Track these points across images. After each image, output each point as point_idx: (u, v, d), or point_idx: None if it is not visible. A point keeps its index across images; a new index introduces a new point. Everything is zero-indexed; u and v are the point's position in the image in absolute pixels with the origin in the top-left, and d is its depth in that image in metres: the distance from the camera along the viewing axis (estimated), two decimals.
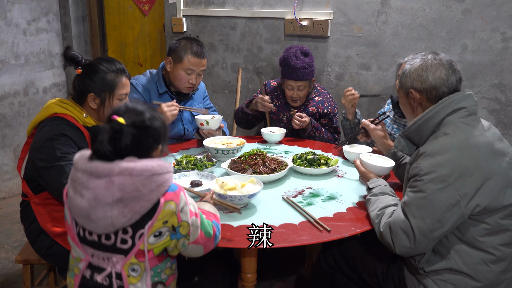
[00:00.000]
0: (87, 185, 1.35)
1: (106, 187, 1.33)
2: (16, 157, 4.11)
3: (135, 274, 1.41)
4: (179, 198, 1.41)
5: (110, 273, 1.41)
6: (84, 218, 1.37)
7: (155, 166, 1.36)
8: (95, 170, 1.34)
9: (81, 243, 1.44)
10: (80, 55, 2.07)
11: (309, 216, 1.82)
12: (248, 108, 3.01)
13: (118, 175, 1.32)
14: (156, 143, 1.44)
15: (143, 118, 1.41)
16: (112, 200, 1.33)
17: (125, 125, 1.36)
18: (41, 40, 4.28)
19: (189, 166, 2.28)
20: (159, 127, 1.44)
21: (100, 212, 1.34)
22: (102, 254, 1.41)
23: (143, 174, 1.34)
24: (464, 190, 1.55)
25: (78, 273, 1.46)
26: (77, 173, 1.38)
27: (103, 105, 2.05)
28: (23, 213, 2.10)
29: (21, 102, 4.14)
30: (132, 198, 1.33)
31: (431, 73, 1.70)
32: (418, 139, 1.74)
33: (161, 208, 1.37)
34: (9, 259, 3.07)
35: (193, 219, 1.45)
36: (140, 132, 1.38)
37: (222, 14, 3.92)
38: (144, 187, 1.34)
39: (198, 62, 2.69)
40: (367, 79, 3.42)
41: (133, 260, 1.40)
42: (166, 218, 1.38)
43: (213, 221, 1.55)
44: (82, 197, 1.36)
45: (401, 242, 1.62)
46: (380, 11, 3.27)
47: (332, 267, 2.00)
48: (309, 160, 2.33)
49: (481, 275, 1.64)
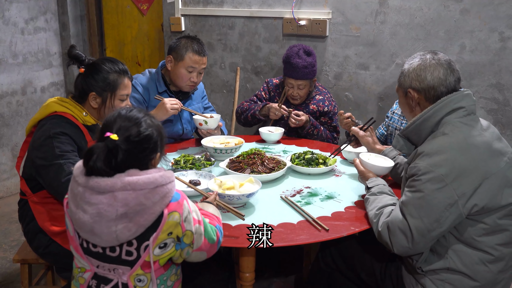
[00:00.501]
0: (89, 200, 1.32)
1: (109, 202, 1.30)
2: (13, 156, 4.10)
3: (141, 284, 1.41)
4: (182, 207, 1.39)
5: (116, 284, 1.40)
6: (87, 232, 1.35)
7: (158, 177, 1.33)
8: (96, 185, 1.31)
9: (85, 254, 1.42)
10: (83, 54, 2.08)
11: (307, 216, 1.82)
12: (260, 113, 3.00)
13: (120, 190, 1.30)
14: (153, 152, 1.41)
15: (138, 130, 1.36)
16: (116, 215, 1.30)
17: (118, 141, 1.31)
18: (39, 39, 4.28)
19: (188, 165, 2.27)
20: (155, 136, 1.40)
21: (104, 227, 1.32)
22: (108, 266, 1.40)
23: (147, 187, 1.31)
24: (462, 190, 1.56)
25: (83, 283, 1.44)
26: (78, 188, 1.34)
27: (104, 105, 2.06)
28: (21, 212, 2.09)
29: (19, 101, 4.13)
30: (136, 212, 1.31)
31: (429, 73, 1.70)
32: (416, 138, 1.74)
33: (165, 220, 1.35)
34: (7, 259, 3.07)
35: (197, 227, 1.43)
36: (136, 146, 1.35)
37: (220, 13, 3.92)
38: (148, 200, 1.31)
39: (199, 60, 2.70)
40: (365, 78, 3.42)
41: (139, 271, 1.39)
42: (170, 229, 1.36)
43: (216, 226, 1.54)
44: (85, 212, 1.33)
45: (399, 242, 1.62)
46: (378, 11, 3.27)
47: (330, 266, 2.01)
48: (307, 160, 2.33)
49: (479, 274, 1.64)
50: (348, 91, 3.52)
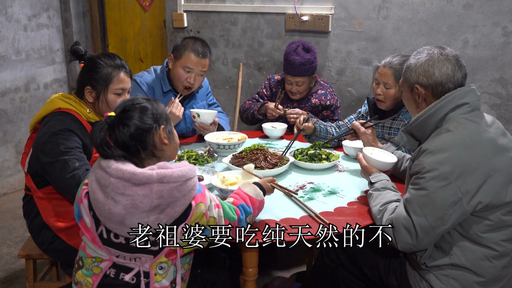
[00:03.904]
0: (124, 191, 1.34)
1: (145, 194, 1.33)
2: (17, 153, 4.12)
3: (161, 272, 1.44)
4: (205, 198, 1.43)
5: (138, 272, 1.43)
6: (116, 223, 1.37)
7: (188, 171, 1.38)
8: (133, 176, 1.34)
9: (104, 245, 1.44)
10: (84, 50, 2.09)
11: (310, 211, 1.82)
12: (259, 112, 3.02)
13: (157, 183, 1.34)
14: (155, 123, 1.44)
15: (132, 102, 1.45)
16: (150, 207, 1.34)
17: (116, 115, 1.41)
18: (42, 36, 4.28)
19: (191, 161, 2.28)
20: (151, 108, 1.45)
21: (137, 219, 1.35)
22: (130, 255, 1.43)
23: (180, 180, 1.36)
24: (466, 187, 1.55)
25: (99, 272, 1.46)
26: (110, 179, 1.36)
27: (98, 99, 2.05)
28: (25, 208, 2.10)
29: (22, 98, 4.14)
30: (167, 204, 1.35)
31: (438, 69, 1.68)
32: (420, 134, 1.73)
33: (193, 211, 1.39)
34: (12, 255, 3.08)
35: (217, 211, 1.47)
36: (133, 115, 1.41)
37: (223, 9, 3.92)
38: (179, 192, 1.36)
39: (197, 61, 2.62)
40: (368, 74, 3.41)
41: (163, 259, 1.43)
42: (197, 219, 1.41)
43: (239, 205, 1.55)
44: (117, 202, 1.35)
45: (403, 239, 1.62)
46: (381, 6, 3.26)
47: (333, 261, 2.01)
48: (310, 155, 2.33)
49: (483, 270, 1.64)
50: (351, 86, 3.52)
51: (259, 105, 3.02)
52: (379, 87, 2.46)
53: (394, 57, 2.42)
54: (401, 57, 2.41)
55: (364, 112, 2.70)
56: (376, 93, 2.48)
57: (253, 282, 1.80)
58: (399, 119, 2.47)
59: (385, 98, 2.46)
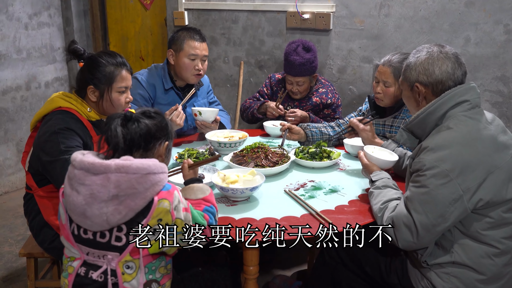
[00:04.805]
0: (84, 181, 1.38)
1: (102, 183, 1.36)
2: (18, 152, 4.12)
3: (130, 271, 1.44)
4: (172, 196, 1.42)
5: (105, 270, 1.44)
6: (79, 215, 1.40)
7: (151, 165, 1.40)
8: (91, 166, 1.38)
9: (76, 242, 1.47)
10: (82, 49, 2.09)
11: (311, 209, 1.82)
12: (258, 111, 3.02)
13: (114, 172, 1.36)
14: (162, 136, 1.53)
15: (150, 111, 1.55)
16: (108, 196, 1.36)
17: (136, 113, 1.50)
18: (43, 34, 4.28)
19: (191, 159, 2.27)
20: (165, 123, 1.56)
21: (96, 209, 1.37)
22: (98, 252, 1.44)
23: (139, 172, 1.37)
24: (466, 185, 1.55)
25: (72, 272, 1.48)
26: (74, 171, 1.42)
27: (102, 98, 2.05)
28: (26, 206, 2.10)
29: (23, 97, 4.14)
30: (127, 195, 1.36)
31: (438, 67, 1.68)
32: (420, 132, 1.73)
33: (155, 206, 1.39)
34: (13, 253, 3.09)
35: (185, 214, 1.46)
36: (149, 121, 1.50)
37: (223, 7, 3.91)
38: (140, 185, 1.37)
39: (199, 46, 2.69)
40: (369, 72, 3.41)
41: (128, 258, 1.43)
42: (160, 216, 1.40)
43: (203, 209, 1.56)
44: (79, 193, 1.39)
45: (404, 237, 1.62)
46: (382, 4, 3.25)
47: (334, 260, 2.01)
48: (311, 153, 2.33)
49: (485, 268, 1.64)
50: (352, 84, 3.52)
51: (259, 104, 3.02)
52: (378, 86, 2.45)
53: (393, 55, 2.41)
54: (400, 55, 2.40)
55: (365, 110, 2.69)
56: (376, 92, 2.48)
57: (254, 280, 1.80)
58: (400, 117, 2.46)
59: (384, 96, 2.45)
